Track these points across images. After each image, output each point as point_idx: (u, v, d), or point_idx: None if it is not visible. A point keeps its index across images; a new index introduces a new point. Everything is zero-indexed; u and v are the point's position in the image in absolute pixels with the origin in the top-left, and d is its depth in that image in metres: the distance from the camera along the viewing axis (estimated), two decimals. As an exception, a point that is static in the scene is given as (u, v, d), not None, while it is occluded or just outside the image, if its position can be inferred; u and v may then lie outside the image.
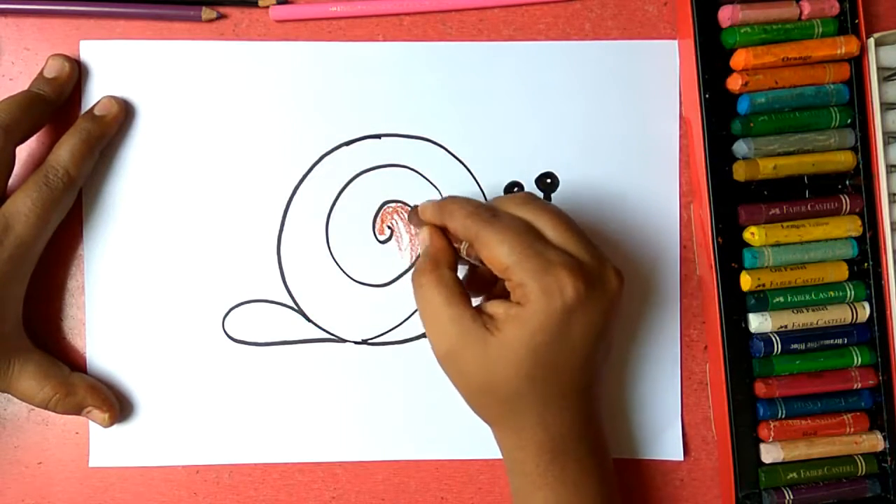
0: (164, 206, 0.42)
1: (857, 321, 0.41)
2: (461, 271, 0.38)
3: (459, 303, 0.35)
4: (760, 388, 0.40)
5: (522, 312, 0.33)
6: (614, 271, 0.35)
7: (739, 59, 0.40)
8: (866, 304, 0.41)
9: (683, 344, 0.43)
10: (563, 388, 0.35)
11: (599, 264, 0.35)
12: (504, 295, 0.35)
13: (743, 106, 0.40)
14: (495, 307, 0.35)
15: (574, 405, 0.36)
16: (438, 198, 0.38)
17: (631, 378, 0.43)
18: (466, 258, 0.37)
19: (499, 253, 0.34)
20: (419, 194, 0.42)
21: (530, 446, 0.35)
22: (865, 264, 0.41)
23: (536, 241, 0.34)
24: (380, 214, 0.42)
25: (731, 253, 0.41)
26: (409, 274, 0.42)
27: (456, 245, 0.37)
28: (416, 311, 0.42)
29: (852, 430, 0.41)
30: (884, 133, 0.40)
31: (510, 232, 0.34)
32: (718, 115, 0.41)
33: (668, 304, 0.43)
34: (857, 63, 0.40)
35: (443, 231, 0.37)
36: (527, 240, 0.34)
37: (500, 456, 0.37)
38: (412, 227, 0.42)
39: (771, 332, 0.41)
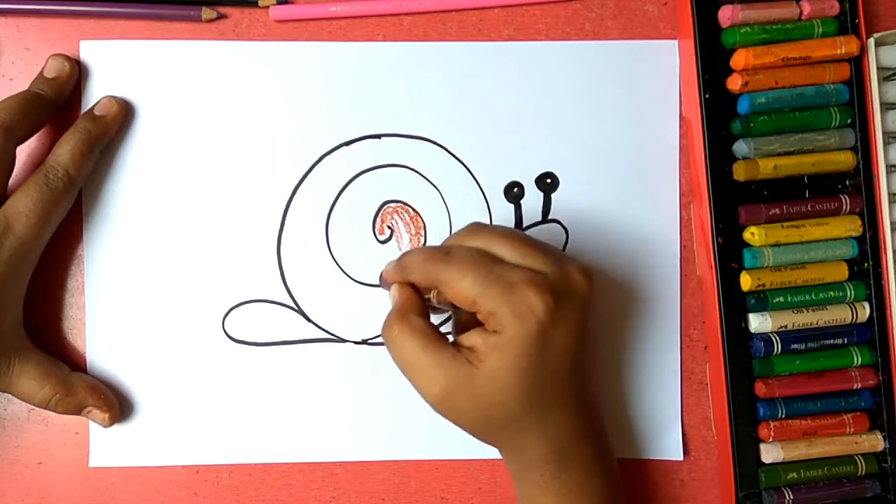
0: (163, 206, 0.42)
1: (857, 321, 0.41)
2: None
3: (436, 345, 0.34)
4: (760, 388, 0.40)
5: (500, 340, 0.33)
6: (580, 271, 0.35)
7: (739, 59, 0.40)
8: (866, 304, 0.41)
9: (683, 344, 0.43)
10: (558, 399, 0.35)
11: (562, 271, 0.34)
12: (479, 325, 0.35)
13: (743, 106, 0.40)
14: (472, 339, 0.34)
15: (572, 411, 0.35)
16: (396, 258, 0.37)
17: (631, 378, 0.43)
18: (439, 306, 0.36)
19: (461, 288, 0.33)
20: (419, 194, 0.42)
21: (535, 460, 0.35)
22: (865, 264, 0.41)
23: (495, 266, 0.34)
24: (380, 214, 0.42)
25: (731, 253, 0.41)
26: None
27: (427, 296, 0.36)
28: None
29: (852, 430, 0.41)
30: (884, 133, 0.41)
31: (467, 263, 0.34)
32: (718, 115, 0.41)
33: (668, 304, 0.43)
34: (857, 63, 0.41)
35: (411, 286, 0.36)
36: (485, 267, 0.34)
37: (500, 456, 0.37)
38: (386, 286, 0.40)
39: (771, 332, 0.41)
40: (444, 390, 0.34)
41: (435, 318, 0.40)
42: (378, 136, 0.42)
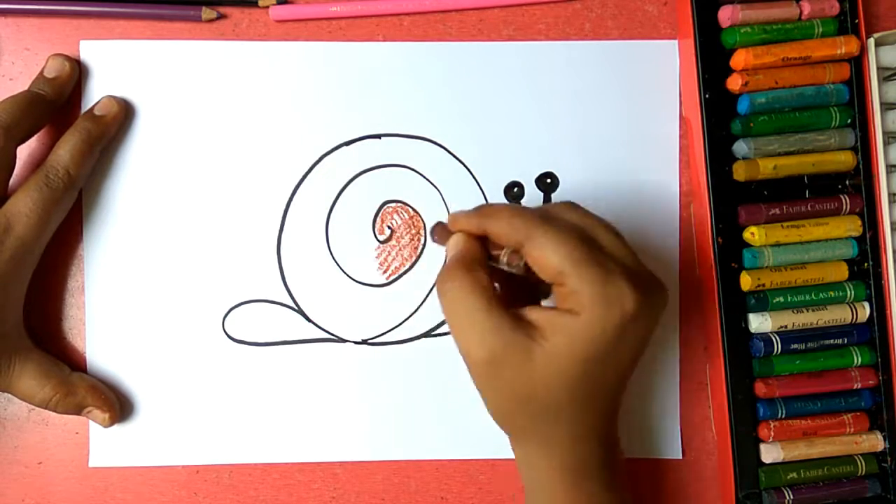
0: (163, 206, 0.42)
1: (857, 321, 0.41)
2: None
3: (499, 308, 0.32)
4: (760, 388, 0.40)
5: (575, 322, 0.31)
6: (663, 284, 0.34)
7: (739, 59, 0.40)
8: (866, 304, 0.41)
9: (683, 344, 0.43)
10: (601, 403, 0.33)
11: (652, 276, 0.34)
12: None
13: (743, 106, 0.40)
14: (537, 314, 0.32)
15: (602, 431, 0.34)
16: (466, 207, 0.35)
17: (631, 378, 0.43)
18: (506, 267, 0.33)
19: (553, 255, 0.31)
20: (419, 194, 0.42)
21: (556, 463, 0.34)
22: (865, 264, 0.41)
23: (594, 249, 0.32)
24: (380, 214, 0.42)
25: (731, 253, 0.41)
26: (409, 274, 0.42)
27: (494, 253, 0.34)
28: (415, 311, 0.42)
29: (852, 430, 0.41)
30: (884, 133, 0.41)
31: (567, 236, 0.32)
32: (718, 115, 0.41)
33: (669, 304, 0.43)
34: (857, 63, 0.41)
35: (478, 241, 0.34)
36: (585, 246, 0.32)
37: (500, 456, 0.37)
38: (436, 242, 0.37)
39: (771, 332, 0.41)
40: (494, 356, 0.32)
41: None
42: (378, 136, 0.42)
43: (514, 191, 0.42)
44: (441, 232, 0.36)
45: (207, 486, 0.42)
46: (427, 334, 0.42)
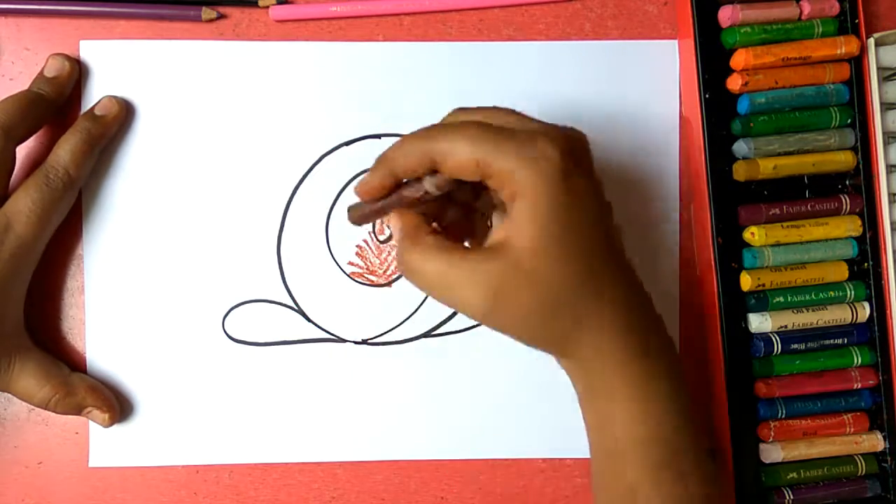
0: (163, 206, 0.42)
1: (857, 321, 0.41)
2: None
3: (461, 254, 0.30)
4: (760, 388, 0.40)
5: (524, 203, 0.29)
6: (576, 130, 0.32)
7: (739, 59, 0.40)
8: (866, 304, 0.41)
9: (683, 344, 0.43)
10: (607, 270, 0.31)
11: (561, 128, 0.31)
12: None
13: (743, 106, 0.40)
14: (495, 235, 0.31)
15: (629, 285, 0.32)
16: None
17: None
18: (438, 192, 0.32)
19: (463, 152, 0.29)
20: (419, 194, 0.42)
21: (605, 346, 0.31)
22: (865, 264, 0.41)
23: (497, 128, 0.30)
24: (380, 214, 0.42)
25: (731, 253, 0.41)
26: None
27: (421, 192, 0.32)
28: (415, 311, 0.42)
29: (852, 430, 0.41)
30: (884, 133, 0.41)
31: (468, 128, 0.30)
32: (718, 115, 0.41)
33: (668, 304, 0.43)
34: (857, 63, 0.41)
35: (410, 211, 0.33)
36: (488, 128, 0.30)
37: (500, 456, 0.37)
38: (354, 224, 0.36)
39: (771, 332, 0.41)
40: (491, 295, 0.30)
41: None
42: (378, 136, 0.42)
43: (514, 191, 0.42)
44: (356, 211, 0.34)
45: (207, 486, 0.42)
46: (427, 334, 0.42)
